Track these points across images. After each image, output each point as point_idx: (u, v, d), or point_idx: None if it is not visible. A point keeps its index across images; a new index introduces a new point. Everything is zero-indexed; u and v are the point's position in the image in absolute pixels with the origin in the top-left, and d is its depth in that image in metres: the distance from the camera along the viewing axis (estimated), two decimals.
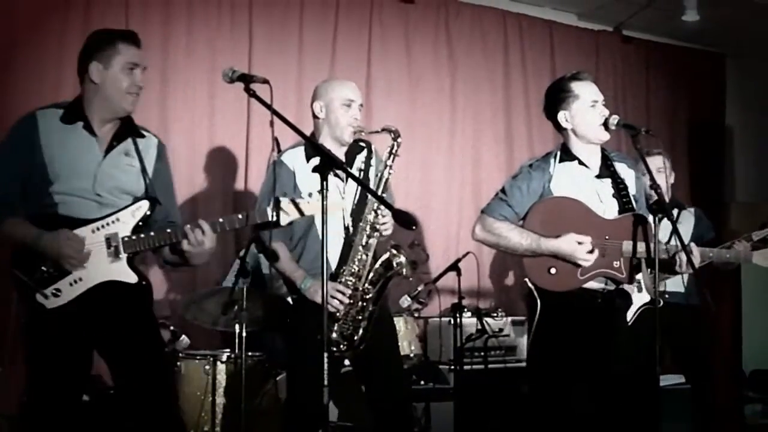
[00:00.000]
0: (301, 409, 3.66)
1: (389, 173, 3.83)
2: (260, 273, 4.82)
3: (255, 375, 4.53)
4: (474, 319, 5.53)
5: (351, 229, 3.79)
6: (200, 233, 3.19)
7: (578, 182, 3.73)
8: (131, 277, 3.20)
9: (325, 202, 2.92)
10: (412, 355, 5.07)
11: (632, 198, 3.74)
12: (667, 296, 4.86)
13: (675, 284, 4.96)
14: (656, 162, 4.97)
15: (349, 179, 3.79)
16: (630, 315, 4.83)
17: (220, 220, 3.25)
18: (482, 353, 5.50)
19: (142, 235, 3.20)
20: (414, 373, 5.27)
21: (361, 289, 3.76)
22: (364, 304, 3.77)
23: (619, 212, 3.72)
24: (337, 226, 3.75)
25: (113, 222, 3.19)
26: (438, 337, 5.64)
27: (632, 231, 3.65)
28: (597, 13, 7.30)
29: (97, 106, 3.27)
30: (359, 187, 3.81)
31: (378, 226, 3.76)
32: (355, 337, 3.75)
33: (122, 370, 3.26)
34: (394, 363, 3.97)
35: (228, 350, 4.65)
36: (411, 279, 3.98)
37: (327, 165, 2.97)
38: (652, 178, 3.58)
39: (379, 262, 3.78)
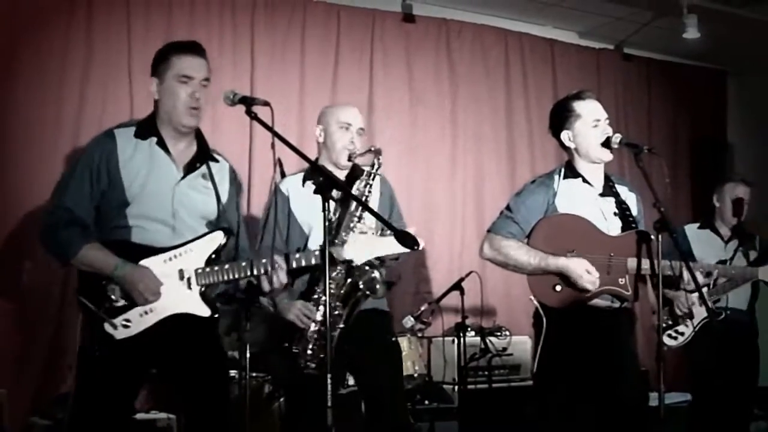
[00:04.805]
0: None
1: (368, 192, 3.76)
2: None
3: (259, 396, 4.52)
4: (478, 338, 5.52)
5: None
6: (282, 274, 3.13)
7: (582, 199, 3.72)
8: (204, 311, 3.09)
9: (326, 224, 2.92)
10: (415, 375, 5.05)
11: (635, 218, 3.74)
12: (728, 312, 4.84)
13: (736, 301, 4.92)
14: (738, 191, 5.06)
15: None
16: (690, 330, 4.89)
17: (297, 255, 3.21)
18: (486, 372, 5.49)
19: (216, 267, 3.10)
20: (418, 392, 5.26)
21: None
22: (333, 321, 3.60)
23: (623, 230, 3.70)
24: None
25: (186, 252, 3.09)
26: (441, 356, 5.63)
27: (636, 247, 3.63)
28: (598, 31, 7.33)
29: (162, 122, 3.19)
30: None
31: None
32: (322, 355, 3.62)
33: (188, 401, 3.18)
34: (396, 389, 3.91)
35: (232, 371, 4.64)
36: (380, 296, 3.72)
37: (327, 186, 2.97)
38: (655, 196, 3.54)
39: (350, 279, 3.66)
